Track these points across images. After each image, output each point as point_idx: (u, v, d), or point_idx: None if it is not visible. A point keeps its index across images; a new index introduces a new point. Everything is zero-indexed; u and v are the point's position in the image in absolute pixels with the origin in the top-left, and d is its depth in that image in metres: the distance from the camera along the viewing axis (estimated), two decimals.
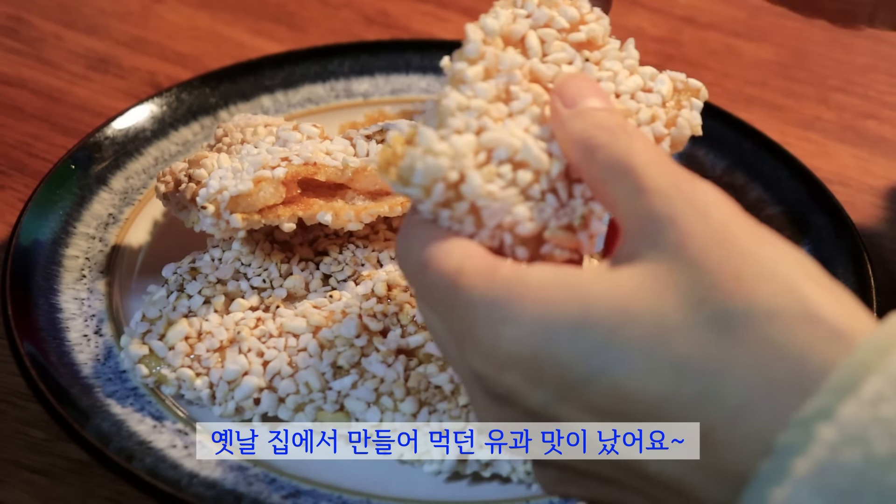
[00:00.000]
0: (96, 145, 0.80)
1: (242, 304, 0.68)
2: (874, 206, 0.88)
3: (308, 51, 0.91)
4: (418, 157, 0.50)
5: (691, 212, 0.46)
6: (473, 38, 0.54)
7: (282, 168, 0.66)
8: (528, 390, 0.47)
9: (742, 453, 0.42)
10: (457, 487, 0.62)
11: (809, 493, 0.40)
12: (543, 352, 0.46)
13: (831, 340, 0.42)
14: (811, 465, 0.40)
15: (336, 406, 0.64)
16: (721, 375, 0.43)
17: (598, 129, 0.50)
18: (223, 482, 0.61)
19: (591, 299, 0.45)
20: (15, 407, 0.68)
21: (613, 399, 0.45)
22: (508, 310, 0.46)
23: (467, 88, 0.53)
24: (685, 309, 0.44)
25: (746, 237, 0.45)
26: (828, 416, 0.40)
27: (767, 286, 0.43)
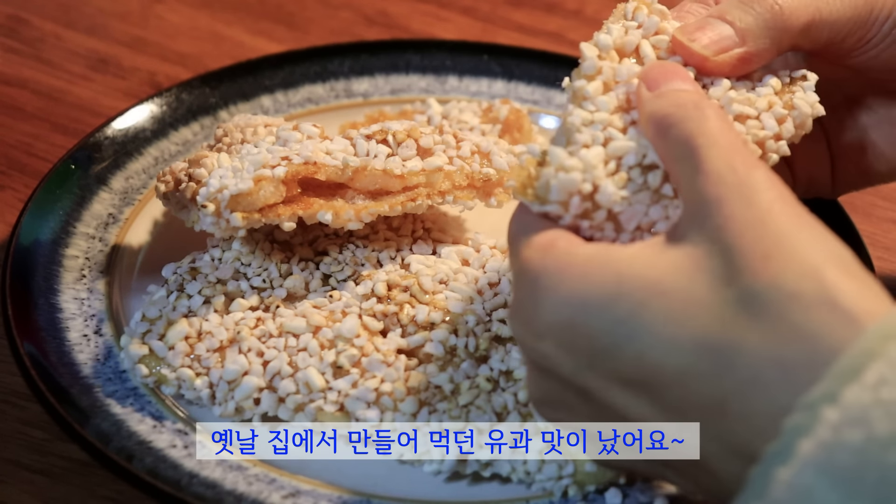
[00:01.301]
0: (96, 145, 0.80)
1: (242, 304, 0.68)
2: (874, 206, 0.88)
3: (308, 51, 0.91)
4: (552, 175, 0.54)
5: (738, 195, 0.48)
6: (589, 55, 0.58)
7: (282, 167, 0.66)
8: (561, 358, 0.50)
9: (753, 427, 0.44)
10: (457, 487, 0.62)
11: (814, 472, 0.41)
12: (576, 321, 0.49)
13: (845, 325, 0.44)
14: (816, 445, 0.42)
15: (336, 406, 0.64)
16: (738, 350, 0.45)
17: (674, 107, 0.53)
18: (223, 482, 0.61)
19: (627, 275, 0.48)
20: (15, 407, 0.68)
21: (638, 368, 0.48)
22: (551, 281, 0.50)
23: (589, 104, 0.57)
24: (714, 288, 0.46)
25: (785, 221, 0.47)
26: (832, 399, 0.42)
27: (793, 269, 0.45)
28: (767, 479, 0.42)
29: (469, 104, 0.85)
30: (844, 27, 0.62)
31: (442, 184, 0.69)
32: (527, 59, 0.91)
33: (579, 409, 0.52)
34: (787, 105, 0.60)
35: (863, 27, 0.62)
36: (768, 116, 0.59)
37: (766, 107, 0.59)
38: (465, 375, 0.64)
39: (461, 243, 0.73)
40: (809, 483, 0.41)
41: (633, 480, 0.61)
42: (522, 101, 0.88)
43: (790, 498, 0.42)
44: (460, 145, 0.72)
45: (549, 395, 0.53)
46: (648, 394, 0.48)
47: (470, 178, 0.70)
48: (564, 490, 0.61)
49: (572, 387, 0.51)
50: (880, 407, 0.41)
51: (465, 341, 0.65)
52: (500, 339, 0.66)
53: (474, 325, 0.66)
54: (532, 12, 1.08)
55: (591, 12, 1.08)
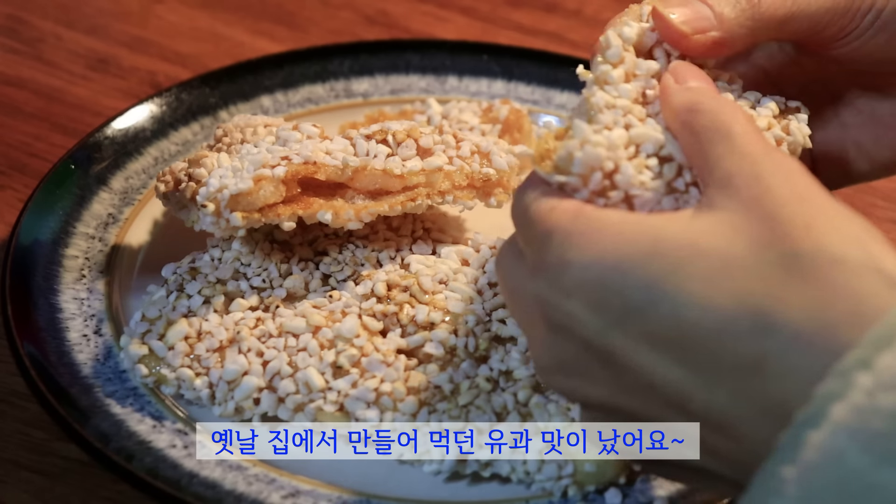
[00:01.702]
0: (96, 145, 0.80)
1: (242, 304, 0.68)
2: (874, 206, 0.88)
3: (308, 51, 0.91)
4: (576, 148, 0.54)
5: (777, 171, 0.49)
6: (615, 43, 0.58)
7: (282, 167, 0.66)
8: (587, 317, 0.49)
9: (789, 388, 0.44)
10: (457, 487, 0.62)
11: (846, 436, 0.41)
12: (609, 278, 0.48)
13: (890, 290, 0.44)
14: (848, 409, 0.42)
15: (336, 406, 0.64)
16: (780, 307, 0.45)
17: (706, 97, 0.54)
18: (223, 482, 0.61)
19: (663, 235, 0.48)
20: (15, 407, 0.68)
21: (671, 327, 0.47)
22: (583, 238, 0.50)
23: (612, 88, 0.57)
24: (753, 249, 0.46)
25: (825, 199, 0.48)
26: (866, 365, 0.42)
27: (837, 236, 0.46)
28: (799, 443, 0.42)
29: (469, 104, 0.85)
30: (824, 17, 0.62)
31: (442, 184, 0.69)
32: (527, 59, 0.91)
33: (596, 375, 0.50)
34: (784, 129, 0.61)
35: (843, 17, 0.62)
36: (769, 136, 0.59)
37: (766, 126, 0.60)
38: (465, 375, 0.64)
39: (461, 243, 0.73)
40: (842, 447, 0.41)
41: (633, 480, 0.61)
42: (522, 101, 0.88)
43: (822, 461, 0.42)
44: (460, 145, 0.72)
45: (565, 359, 0.52)
46: (681, 353, 0.47)
47: (470, 178, 0.70)
48: (564, 490, 0.61)
49: (593, 349, 0.50)
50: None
51: (465, 341, 0.65)
52: (500, 339, 0.66)
53: (474, 325, 0.66)
54: (532, 12, 1.08)
55: (591, 12, 1.08)
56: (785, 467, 0.42)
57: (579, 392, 0.52)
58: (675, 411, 0.48)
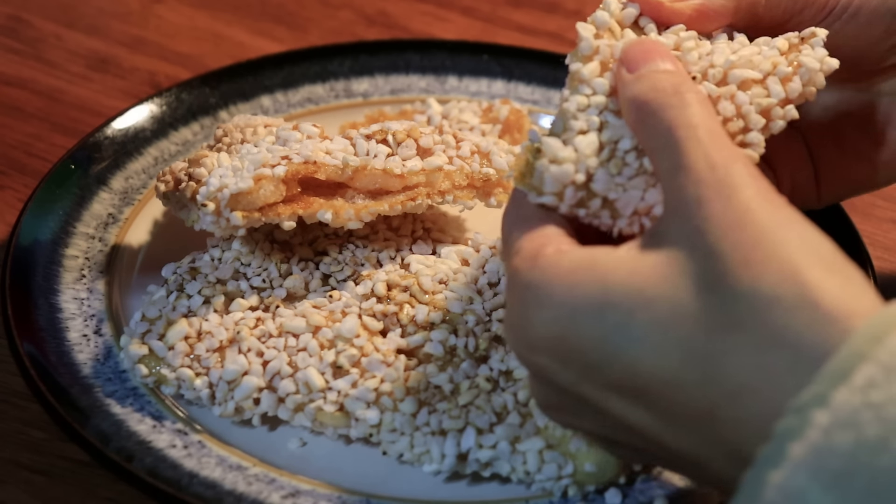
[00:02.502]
0: (96, 145, 0.80)
1: (242, 303, 0.68)
2: (874, 206, 0.88)
3: (308, 51, 0.91)
4: (545, 168, 0.53)
5: (716, 194, 0.47)
6: (585, 36, 0.57)
7: (282, 166, 0.66)
8: (556, 370, 0.50)
9: (743, 433, 0.44)
10: (456, 487, 0.62)
11: (806, 475, 0.41)
12: (567, 334, 0.49)
13: (827, 327, 0.43)
14: (807, 448, 0.42)
15: (336, 406, 0.64)
16: (723, 359, 0.45)
17: (653, 91, 0.52)
18: (223, 482, 0.61)
19: (612, 283, 0.48)
20: (15, 407, 0.68)
21: (631, 378, 0.48)
22: (539, 293, 0.50)
23: (585, 87, 0.56)
24: (697, 295, 0.46)
25: (764, 219, 0.47)
26: (822, 402, 0.42)
27: (772, 272, 0.45)
28: (760, 483, 0.42)
29: (469, 104, 0.85)
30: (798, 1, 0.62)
31: (442, 183, 0.70)
32: (527, 59, 0.91)
33: (582, 414, 0.52)
34: (793, 63, 0.58)
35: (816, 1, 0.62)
36: (774, 81, 0.57)
37: (770, 69, 0.57)
38: (465, 375, 0.64)
39: (461, 243, 0.73)
40: (802, 486, 0.41)
41: (633, 480, 0.61)
42: (522, 101, 0.88)
43: (783, 501, 0.42)
44: (460, 145, 0.72)
45: (551, 401, 0.54)
46: (644, 401, 0.48)
47: (470, 177, 0.70)
48: (564, 490, 0.61)
49: (570, 395, 0.51)
50: (870, 410, 0.41)
51: (465, 341, 0.65)
52: (499, 339, 0.66)
53: (474, 325, 0.66)
54: (532, 12, 1.08)
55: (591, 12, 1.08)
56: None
57: (574, 425, 0.54)
58: (655, 446, 0.50)
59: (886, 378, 0.42)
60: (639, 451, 0.53)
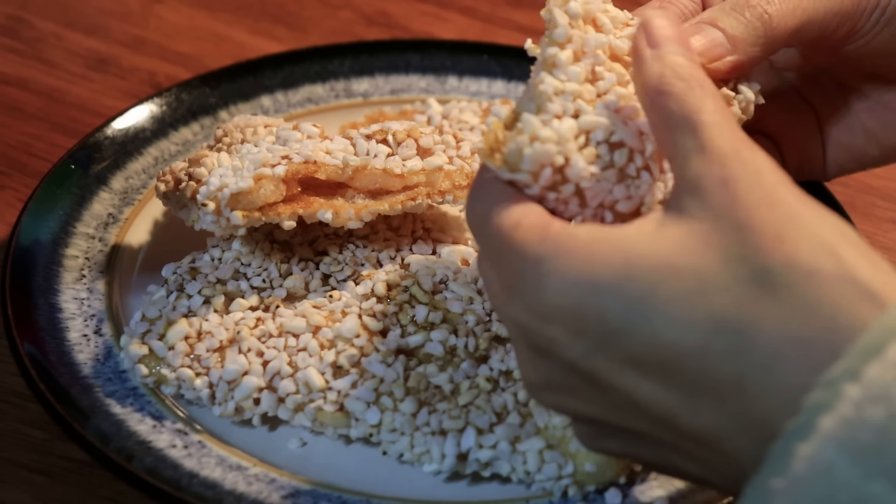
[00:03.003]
0: (96, 145, 0.80)
1: (242, 303, 0.68)
2: (874, 206, 0.88)
3: (308, 51, 0.91)
4: (526, 144, 0.53)
5: (745, 174, 0.47)
6: (562, 22, 0.56)
7: (282, 166, 0.66)
8: (568, 341, 0.49)
9: (772, 404, 0.44)
10: (456, 487, 0.62)
11: (835, 448, 0.41)
12: (586, 303, 0.48)
13: (865, 300, 0.43)
14: (837, 421, 0.41)
15: (336, 406, 0.64)
16: (756, 328, 0.44)
17: (676, 77, 0.51)
18: (223, 482, 0.61)
19: (636, 254, 0.48)
20: (15, 407, 0.68)
21: (652, 349, 0.47)
22: (555, 263, 0.49)
23: (560, 72, 0.55)
24: (726, 265, 0.46)
25: (793, 201, 0.47)
26: (854, 376, 0.42)
27: (808, 247, 0.45)
28: (788, 455, 0.42)
29: (469, 104, 0.85)
30: (833, 21, 0.62)
31: (442, 183, 0.70)
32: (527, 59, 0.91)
33: (583, 393, 0.51)
34: (734, 89, 0.61)
35: (850, 19, 0.63)
36: None
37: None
38: (465, 375, 0.64)
39: (461, 243, 0.73)
40: (831, 459, 0.41)
41: (632, 480, 0.61)
42: None
43: (812, 474, 0.41)
44: (460, 145, 0.72)
45: (551, 378, 0.52)
46: (662, 374, 0.47)
47: (470, 177, 0.70)
48: (564, 490, 0.61)
49: (577, 370, 0.50)
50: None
51: (465, 341, 0.65)
52: (499, 339, 0.66)
53: (474, 325, 0.66)
54: (532, 12, 1.08)
55: None
56: (774, 479, 0.42)
57: (568, 408, 0.52)
58: (662, 428, 0.48)
59: None
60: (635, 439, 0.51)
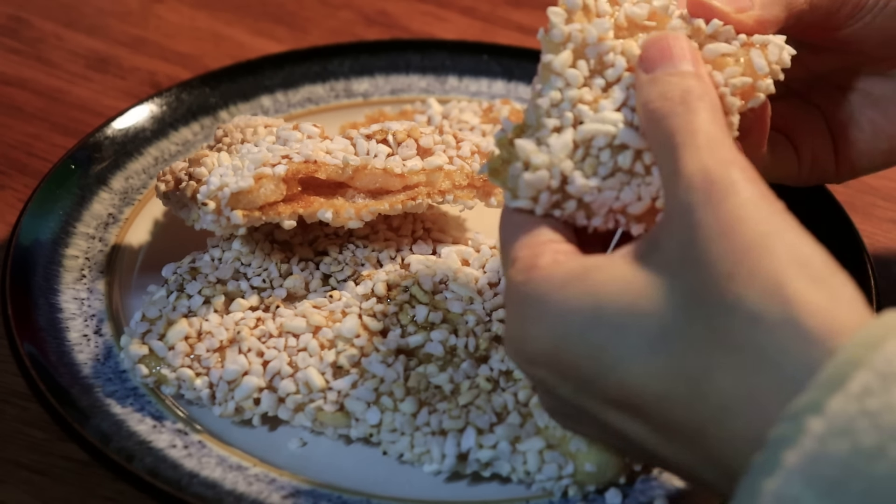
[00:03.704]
0: (96, 145, 0.80)
1: (242, 304, 0.68)
2: (874, 206, 0.88)
3: (308, 51, 0.91)
4: (519, 173, 0.53)
5: (706, 201, 0.47)
6: (556, 22, 0.55)
7: (282, 165, 0.66)
8: (555, 383, 0.51)
9: (732, 449, 0.45)
10: (457, 487, 0.62)
11: (800, 483, 0.41)
12: (561, 348, 0.49)
13: (810, 346, 0.43)
14: (801, 456, 0.41)
15: (336, 406, 0.64)
16: (708, 377, 0.45)
17: (662, 99, 0.52)
18: (223, 482, 0.61)
19: (604, 297, 0.49)
20: (15, 407, 0.68)
21: (622, 394, 0.48)
22: (534, 307, 0.50)
23: (558, 80, 0.55)
24: (686, 309, 0.47)
25: (753, 228, 0.46)
26: (817, 409, 0.42)
27: (756, 287, 0.45)
28: (755, 491, 0.42)
29: (469, 104, 0.85)
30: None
31: (442, 183, 0.70)
32: (527, 59, 0.91)
33: (583, 420, 0.53)
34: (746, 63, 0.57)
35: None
36: (757, 55, 0.57)
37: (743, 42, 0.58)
38: (465, 375, 0.64)
39: (461, 243, 0.73)
40: (797, 494, 0.41)
41: (633, 480, 0.61)
42: (522, 101, 0.88)
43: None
44: (460, 145, 0.72)
45: (556, 409, 0.55)
46: (640, 415, 0.48)
47: (470, 177, 0.70)
48: (564, 490, 0.61)
49: (572, 406, 0.52)
50: (865, 417, 0.41)
51: (465, 341, 0.65)
52: (500, 339, 0.66)
53: (474, 325, 0.66)
54: (532, 12, 1.08)
55: None
56: None
57: (579, 431, 0.56)
58: (652, 456, 0.51)
59: (883, 385, 0.41)
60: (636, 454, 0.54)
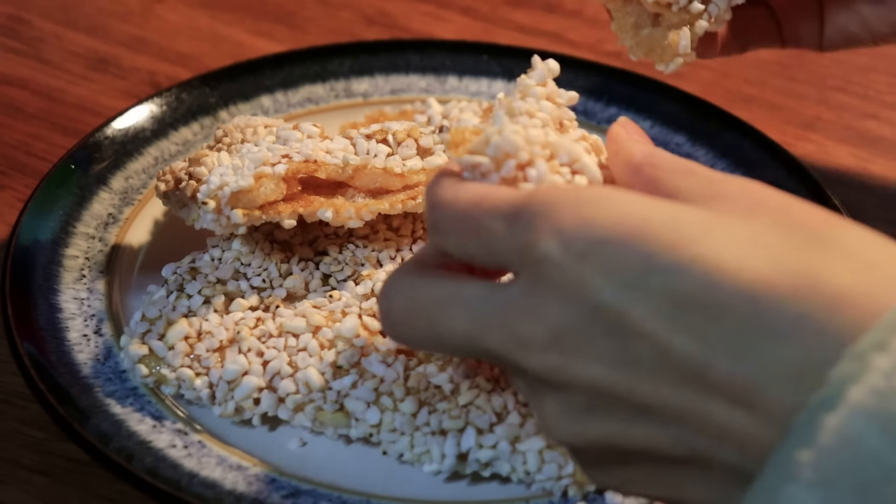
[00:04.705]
0: (96, 145, 0.80)
1: (242, 303, 0.68)
2: (874, 206, 0.88)
3: (308, 51, 0.91)
4: (494, 133, 0.53)
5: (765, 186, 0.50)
6: (540, 67, 0.60)
7: (282, 165, 0.67)
8: (601, 279, 0.46)
9: (829, 347, 0.43)
10: (456, 487, 0.62)
11: (864, 418, 0.41)
12: (633, 239, 0.46)
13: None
14: (866, 391, 0.41)
15: (336, 406, 0.64)
16: (823, 270, 0.44)
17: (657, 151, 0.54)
18: (223, 482, 0.61)
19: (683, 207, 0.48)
20: (15, 407, 0.68)
21: (701, 289, 0.45)
22: (600, 203, 0.48)
23: (534, 101, 0.57)
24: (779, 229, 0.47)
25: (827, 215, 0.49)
26: (883, 347, 0.41)
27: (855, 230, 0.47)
28: (814, 426, 0.41)
29: (469, 104, 0.85)
30: None
31: None
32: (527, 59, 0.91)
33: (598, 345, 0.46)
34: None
35: None
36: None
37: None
38: (465, 375, 0.64)
39: None
40: (859, 429, 0.40)
41: None
42: None
43: (839, 444, 0.41)
44: None
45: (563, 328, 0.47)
46: (706, 318, 0.44)
47: None
48: (564, 490, 0.61)
49: (602, 314, 0.46)
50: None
51: None
52: None
53: None
54: (532, 12, 1.08)
55: (592, 13, 1.08)
56: (800, 451, 0.41)
57: (570, 370, 0.48)
58: (686, 384, 0.45)
59: None
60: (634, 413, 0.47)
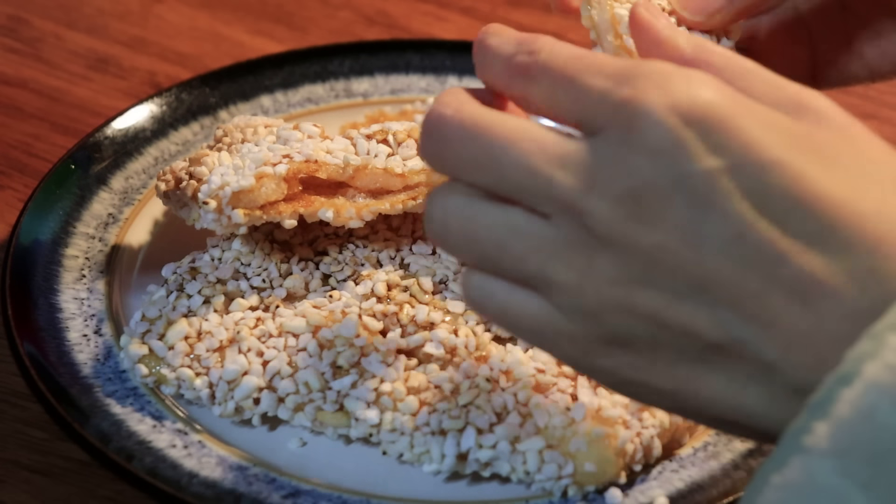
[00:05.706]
0: (96, 145, 0.80)
1: (242, 303, 0.68)
2: None
3: (308, 51, 0.91)
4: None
5: None
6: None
7: (283, 165, 0.67)
8: (701, 148, 0.45)
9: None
10: (456, 487, 0.62)
11: (878, 393, 0.42)
12: (744, 113, 0.45)
13: None
14: (881, 367, 0.42)
15: (336, 406, 0.64)
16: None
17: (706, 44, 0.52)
18: (223, 482, 0.61)
19: None
20: (15, 407, 0.68)
21: (796, 186, 0.44)
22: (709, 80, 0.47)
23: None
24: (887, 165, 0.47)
25: None
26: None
27: None
28: (831, 399, 0.43)
29: None
30: None
31: None
32: None
33: (670, 212, 0.45)
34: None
35: None
36: None
37: None
38: (465, 375, 0.64)
39: None
40: (874, 402, 0.42)
41: (632, 480, 0.61)
42: None
43: (854, 417, 0.42)
44: None
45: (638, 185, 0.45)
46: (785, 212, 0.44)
47: None
48: (564, 490, 0.61)
49: (693, 184, 0.45)
50: None
51: (465, 341, 0.65)
52: (500, 338, 0.66)
53: (474, 325, 0.66)
54: (532, 12, 1.08)
55: None
56: (817, 422, 0.43)
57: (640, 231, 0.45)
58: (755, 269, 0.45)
59: None
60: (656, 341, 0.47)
